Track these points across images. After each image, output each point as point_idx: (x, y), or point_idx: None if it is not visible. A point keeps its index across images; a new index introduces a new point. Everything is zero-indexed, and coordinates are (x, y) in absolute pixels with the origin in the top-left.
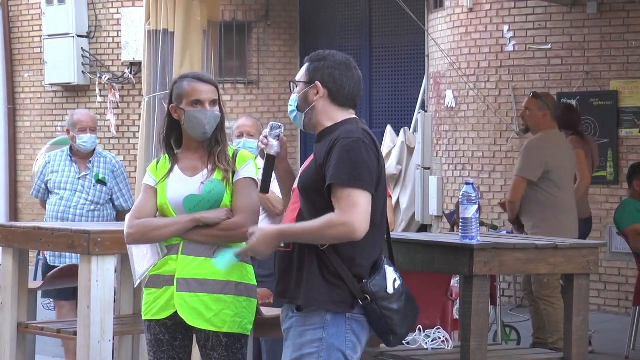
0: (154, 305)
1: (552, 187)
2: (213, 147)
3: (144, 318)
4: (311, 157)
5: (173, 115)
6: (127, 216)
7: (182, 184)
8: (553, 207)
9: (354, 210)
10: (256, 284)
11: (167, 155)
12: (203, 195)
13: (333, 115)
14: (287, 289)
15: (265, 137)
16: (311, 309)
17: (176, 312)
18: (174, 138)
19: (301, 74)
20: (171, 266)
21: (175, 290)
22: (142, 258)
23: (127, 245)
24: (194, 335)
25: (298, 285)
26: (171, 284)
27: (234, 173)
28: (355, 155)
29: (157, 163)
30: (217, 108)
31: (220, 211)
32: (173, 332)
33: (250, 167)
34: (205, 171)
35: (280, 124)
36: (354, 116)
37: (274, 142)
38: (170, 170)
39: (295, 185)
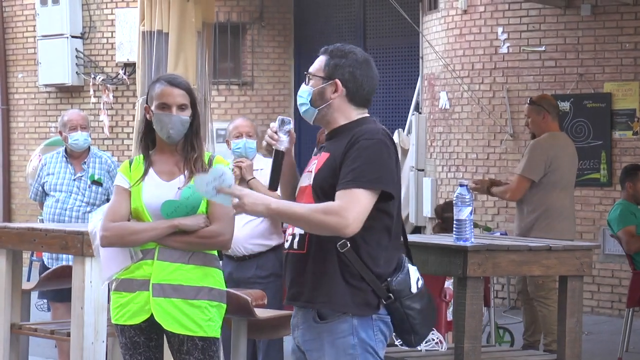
0: (127, 310)
1: (552, 189)
2: (189, 153)
3: (114, 322)
4: (325, 155)
5: (147, 115)
6: (95, 216)
7: (158, 189)
8: (548, 209)
9: (353, 206)
10: (226, 289)
11: (140, 156)
12: (181, 201)
13: (349, 114)
14: (302, 292)
15: (275, 132)
16: (336, 317)
17: (150, 316)
18: (151, 139)
19: (318, 68)
20: (145, 270)
21: (150, 296)
22: (112, 259)
23: (94, 246)
24: (166, 339)
25: (315, 288)
26: (145, 289)
27: None
28: (377, 158)
29: (130, 165)
30: (185, 113)
31: (198, 218)
32: (148, 333)
33: None
34: (182, 177)
35: (290, 119)
36: (368, 115)
37: (284, 138)
38: (145, 173)
39: (305, 183)
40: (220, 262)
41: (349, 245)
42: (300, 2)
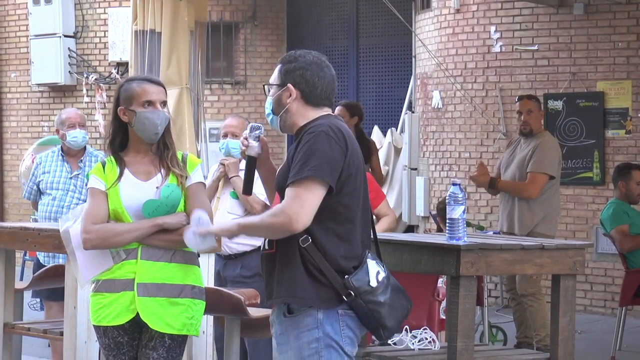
0: (111, 310)
1: (555, 187)
2: (163, 152)
3: (96, 324)
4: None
5: (122, 117)
6: (66, 219)
7: (137, 189)
8: (552, 207)
9: (294, 202)
10: (204, 286)
11: (111, 158)
12: (161, 200)
13: (307, 115)
14: (273, 290)
15: (246, 138)
16: (302, 310)
17: (134, 317)
18: (118, 142)
19: (274, 77)
20: (128, 270)
21: (136, 295)
22: (92, 261)
23: (69, 249)
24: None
25: (280, 283)
26: (130, 289)
27: (186, 178)
28: (315, 148)
29: (103, 166)
30: (167, 109)
31: (179, 216)
32: (131, 332)
33: (200, 172)
34: (159, 175)
35: (260, 125)
36: (328, 112)
37: (254, 143)
38: (121, 174)
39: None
40: (199, 258)
41: (310, 240)
42: (293, 1)
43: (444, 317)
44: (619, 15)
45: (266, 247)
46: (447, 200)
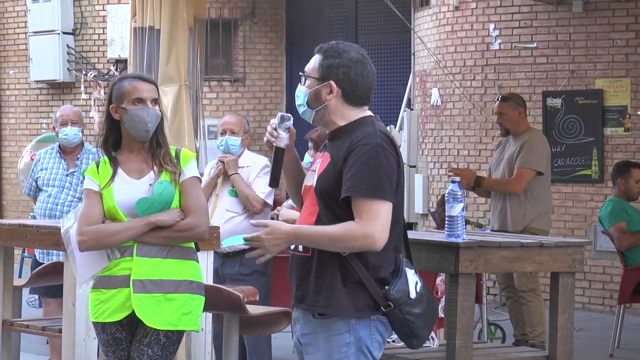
0: (108, 307)
1: (547, 183)
2: (155, 150)
3: (94, 320)
4: (327, 157)
5: (113, 115)
6: (67, 220)
7: (129, 187)
8: (547, 203)
9: (375, 222)
10: (203, 281)
11: (105, 158)
12: (154, 197)
13: (347, 114)
14: (306, 295)
15: (275, 129)
16: (335, 314)
17: (131, 313)
18: (112, 141)
19: (313, 68)
20: (124, 267)
21: (132, 292)
22: (89, 262)
23: (69, 250)
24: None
25: (317, 292)
26: (126, 285)
27: (179, 174)
28: (374, 163)
29: (97, 167)
30: (157, 107)
31: (173, 212)
32: (129, 328)
33: (194, 166)
34: (152, 173)
35: (290, 115)
36: (369, 113)
37: (284, 135)
38: (114, 174)
39: (309, 183)
40: (197, 253)
41: None
42: None
43: (443, 316)
44: (618, 12)
45: (300, 249)
46: (446, 198)
